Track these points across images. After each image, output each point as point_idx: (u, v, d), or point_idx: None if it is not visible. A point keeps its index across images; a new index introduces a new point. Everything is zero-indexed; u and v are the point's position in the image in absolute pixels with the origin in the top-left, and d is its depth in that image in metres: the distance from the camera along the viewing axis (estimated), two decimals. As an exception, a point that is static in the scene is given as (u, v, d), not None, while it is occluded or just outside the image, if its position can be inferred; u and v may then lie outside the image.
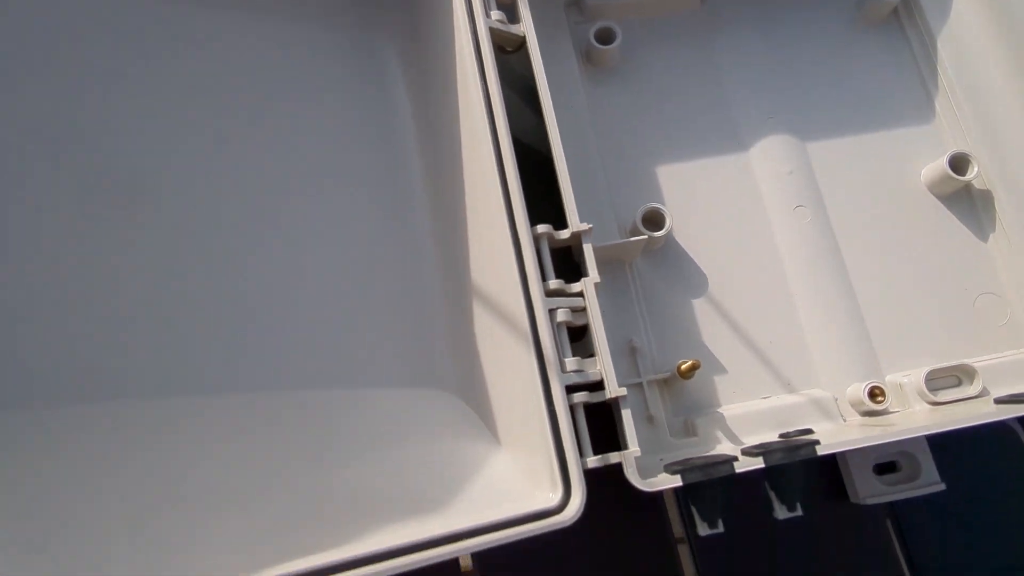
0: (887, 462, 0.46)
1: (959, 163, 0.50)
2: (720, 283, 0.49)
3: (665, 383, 0.47)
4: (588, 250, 0.40)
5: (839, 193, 0.51)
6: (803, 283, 0.49)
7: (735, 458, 0.36)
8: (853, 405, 0.46)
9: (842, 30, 0.56)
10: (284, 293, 0.40)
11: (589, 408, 0.38)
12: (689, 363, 0.43)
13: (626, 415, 0.37)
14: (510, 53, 0.48)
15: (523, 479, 0.36)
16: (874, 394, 0.45)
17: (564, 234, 0.40)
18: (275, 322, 0.40)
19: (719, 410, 0.46)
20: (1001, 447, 0.40)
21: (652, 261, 0.50)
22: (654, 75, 0.55)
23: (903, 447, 0.45)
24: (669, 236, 0.50)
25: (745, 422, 0.45)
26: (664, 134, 0.53)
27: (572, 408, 0.36)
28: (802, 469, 0.37)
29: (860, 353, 0.48)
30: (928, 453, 0.45)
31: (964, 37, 0.53)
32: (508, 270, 0.38)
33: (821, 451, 0.36)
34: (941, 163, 0.49)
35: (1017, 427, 0.39)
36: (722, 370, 0.48)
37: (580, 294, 0.39)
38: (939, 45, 0.53)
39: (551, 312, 0.37)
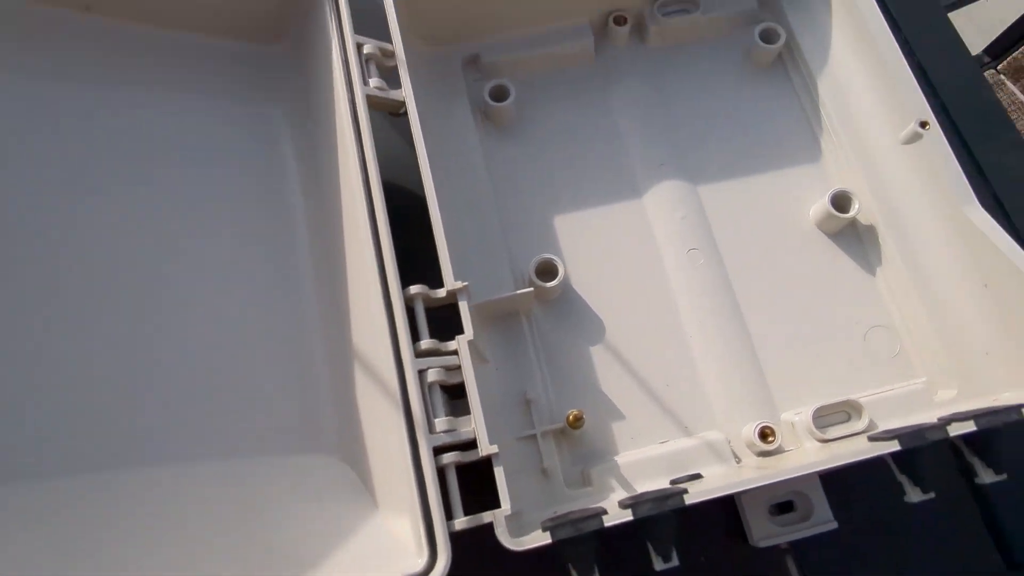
0: (784, 502, 0.46)
1: (841, 201, 0.51)
2: (617, 329, 0.50)
3: (562, 433, 0.47)
4: (463, 308, 0.41)
5: (731, 235, 0.53)
6: (698, 325, 0.50)
7: (604, 511, 0.36)
8: (748, 446, 0.47)
9: (731, 78, 0.58)
10: (166, 365, 0.41)
11: (467, 467, 0.38)
12: (573, 414, 0.44)
13: (498, 473, 0.37)
14: (403, 115, 0.49)
15: (395, 543, 0.36)
16: (764, 435, 0.46)
17: (440, 293, 0.41)
18: (157, 395, 0.40)
19: (616, 458, 0.46)
20: (882, 483, 0.41)
21: (550, 310, 0.51)
22: (552, 129, 0.56)
23: (795, 487, 0.46)
24: (566, 285, 0.51)
25: (641, 469, 0.46)
26: (562, 186, 0.54)
27: (443, 469, 0.37)
28: (675, 519, 0.37)
29: (755, 393, 0.48)
30: (820, 492, 0.45)
31: (842, 78, 0.55)
32: (381, 332, 0.38)
33: (690, 499, 0.36)
34: (825, 201, 0.51)
35: (891, 463, 0.40)
36: (620, 416, 0.48)
37: (456, 352, 0.40)
38: (820, 87, 0.56)
39: (421, 373, 0.38)
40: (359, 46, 0.46)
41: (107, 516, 0.36)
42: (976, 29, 1.65)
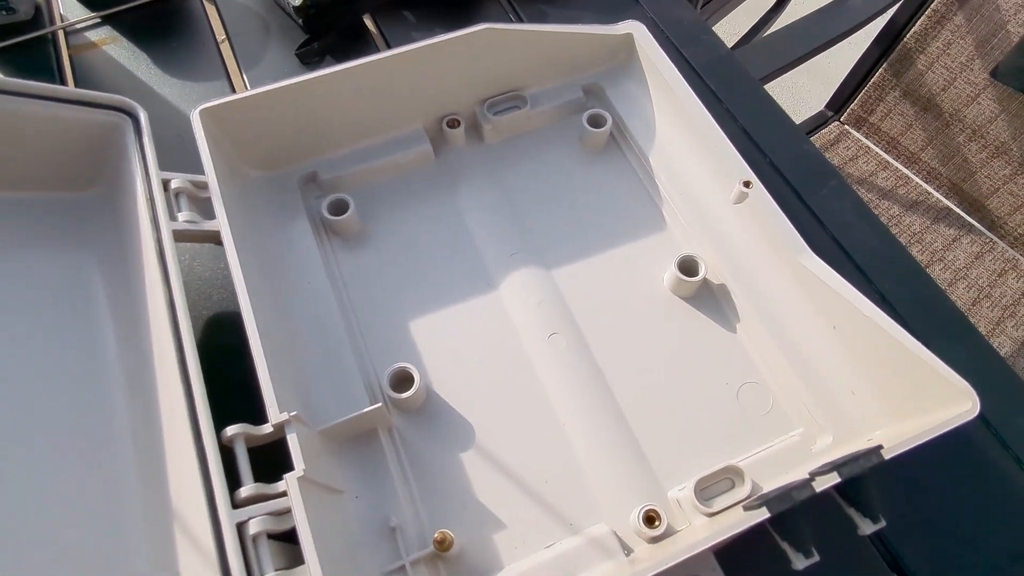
0: (685, 589, 0.43)
1: (688, 265, 0.52)
2: (487, 430, 0.47)
3: (438, 558, 0.43)
4: (292, 440, 0.37)
5: (590, 313, 0.52)
6: (569, 411, 0.48)
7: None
8: (637, 534, 0.44)
9: (569, 162, 0.60)
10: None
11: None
12: (437, 537, 0.40)
13: (342, 630, 0.32)
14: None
15: None
16: (650, 519, 0.43)
17: (265, 429, 0.37)
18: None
19: (500, 574, 0.42)
20: (774, 553, 0.38)
21: (413, 421, 0.48)
22: (400, 234, 0.56)
23: (690, 571, 0.42)
24: (428, 391, 0.49)
25: (527, 582, 0.42)
26: (416, 289, 0.53)
27: (275, 637, 0.32)
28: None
29: (638, 474, 0.46)
30: (718, 571, 0.42)
31: (670, 153, 0.58)
32: (195, 485, 0.34)
33: (558, 618, 0.33)
34: (673, 268, 0.51)
35: (771, 531, 0.38)
36: (500, 526, 0.44)
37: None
38: (653, 163, 0.58)
39: (241, 526, 0.33)
40: (165, 182, 0.44)
41: None
42: (823, 85, 1.83)
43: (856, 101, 1.26)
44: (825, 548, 0.38)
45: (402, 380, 0.47)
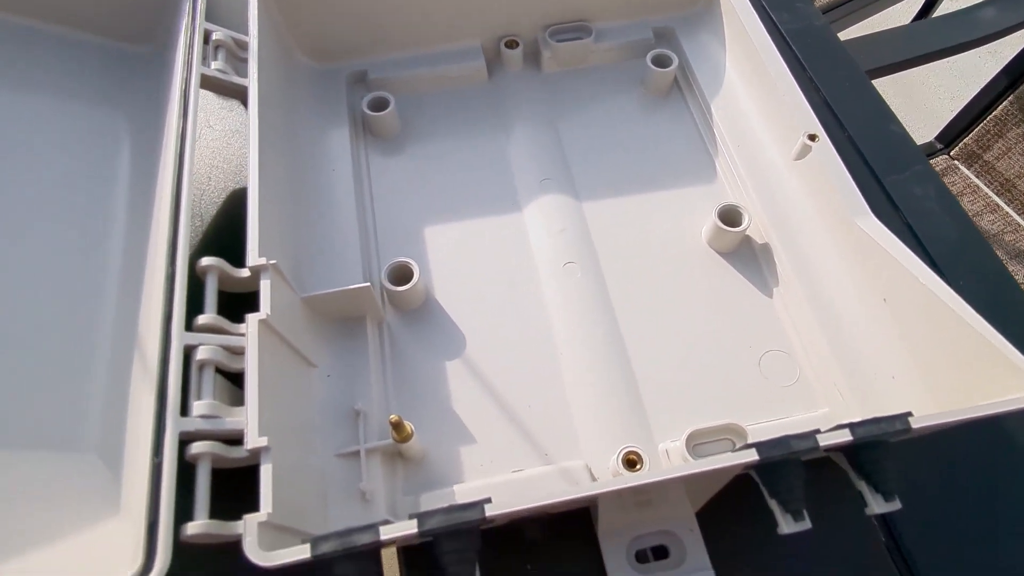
0: (656, 546, 0.38)
1: (730, 215, 0.47)
2: (480, 345, 0.45)
3: (400, 456, 0.40)
4: (265, 286, 0.36)
5: (615, 251, 0.48)
6: (570, 344, 0.45)
7: (386, 522, 0.29)
8: (614, 476, 0.39)
9: (628, 103, 0.56)
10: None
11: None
12: (393, 419, 0.37)
13: (265, 471, 0.30)
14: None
15: (116, 551, 0.29)
16: (630, 462, 0.39)
17: (243, 272, 0.36)
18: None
19: (457, 486, 0.39)
20: (760, 516, 0.33)
21: (407, 321, 0.45)
22: (438, 144, 0.54)
23: (666, 527, 0.38)
24: (429, 295, 0.46)
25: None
26: (441, 197, 0.51)
27: (195, 461, 0.30)
28: (478, 536, 0.30)
29: (630, 420, 0.42)
30: (696, 532, 0.37)
31: (734, 101, 0.53)
32: (158, 307, 0.33)
33: (491, 510, 0.29)
34: (713, 217, 0.47)
35: (761, 487, 0.33)
36: (472, 440, 0.41)
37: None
38: (714, 110, 0.53)
39: (190, 349, 0.32)
40: (207, 33, 0.44)
41: None
42: (924, 117, 1.69)
43: (971, 135, 1.15)
44: (822, 520, 0.32)
45: (402, 275, 0.45)
